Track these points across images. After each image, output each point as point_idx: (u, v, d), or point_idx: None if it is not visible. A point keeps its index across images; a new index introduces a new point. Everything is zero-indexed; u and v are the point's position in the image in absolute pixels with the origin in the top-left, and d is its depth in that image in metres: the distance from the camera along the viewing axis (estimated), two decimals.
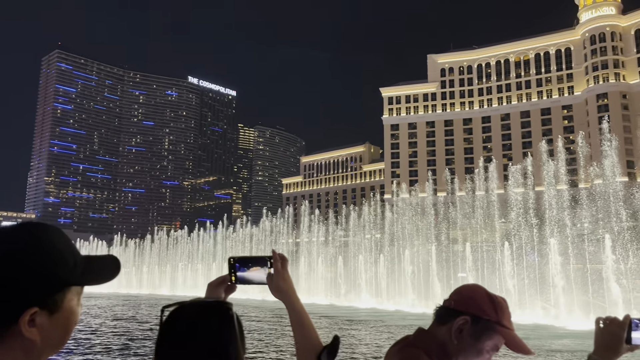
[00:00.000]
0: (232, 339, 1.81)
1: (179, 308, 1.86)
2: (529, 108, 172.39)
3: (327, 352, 2.21)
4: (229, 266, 2.41)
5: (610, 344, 2.50)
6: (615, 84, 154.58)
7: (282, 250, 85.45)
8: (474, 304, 2.29)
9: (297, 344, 2.30)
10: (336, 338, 2.25)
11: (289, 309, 2.35)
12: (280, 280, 2.35)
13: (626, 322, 2.49)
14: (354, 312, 51.99)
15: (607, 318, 2.59)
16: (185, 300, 1.90)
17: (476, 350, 2.26)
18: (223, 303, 1.90)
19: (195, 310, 1.85)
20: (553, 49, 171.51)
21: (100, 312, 51.14)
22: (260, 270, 2.39)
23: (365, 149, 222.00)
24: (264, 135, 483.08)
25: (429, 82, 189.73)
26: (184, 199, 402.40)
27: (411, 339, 2.36)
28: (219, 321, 1.82)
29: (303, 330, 2.30)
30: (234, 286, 2.41)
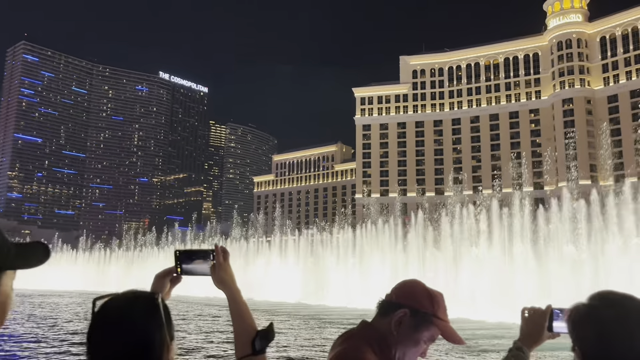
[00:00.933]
0: (158, 327, 1.91)
1: (110, 300, 1.97)
2: (498, 111, 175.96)
3: (259, 337, 2.34)
4: (174, 258, 2.55)
5: (533, 332, 2.79)
6: (580, 90, 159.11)
7: (253, 249, 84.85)
8: (413, 298, 2.45)
9: (236, 332, 2.43)
10: (271, 324, 2.40)
11: (230, 299, 2.48)
12: (222, 272, 2.50)
13: (548, 311, 2.78)
14: (324, 311, 52.26)
15: (531, 308, 2.85)
16: (116, 292, 2.00)
17: (414, 340, 2.42)
18: (150, 293, 2.02)
19: (124, 300, 1.96)
20: (522, 54, 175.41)
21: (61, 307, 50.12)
22: (204, 262, 2.54)
23: (337, 149, 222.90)
24: (236, 132, 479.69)
25: (401, 83, 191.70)
26: (153, 196, 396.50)
27: (355, 331, 2.50)
28: (146, 310, 1.93)
29: (241, 319, 2.42)
30: (180, 277, 2.56)
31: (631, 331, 2.06)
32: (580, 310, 2.23)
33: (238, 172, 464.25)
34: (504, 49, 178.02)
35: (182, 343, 26.63)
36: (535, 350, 2.85)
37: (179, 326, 35.32)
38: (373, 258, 70.28)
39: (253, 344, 2.35)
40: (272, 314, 47.05)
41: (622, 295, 2.19)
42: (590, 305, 2.21)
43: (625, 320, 2.08)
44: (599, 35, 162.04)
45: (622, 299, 2.17)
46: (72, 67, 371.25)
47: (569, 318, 2.30)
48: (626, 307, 2.12)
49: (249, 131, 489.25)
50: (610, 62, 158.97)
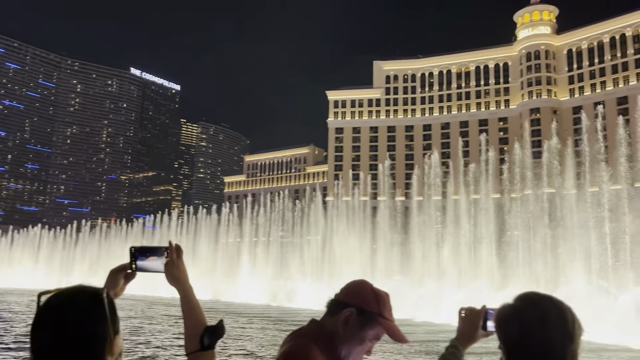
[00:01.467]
0: (101, 321, 1.94)
1: (54, 294, 1.99)
2: (468, 118, 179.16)
3: (208, 333, 2.40)
4: (130, 255, 2.60)
5: (468, 331, 2.98)
6: (547, 100, 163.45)
7: (222, 250, 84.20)
8: (359, 298, 2.56)
9: (186, 328, 2.49)
10: (221, 321, 2.47)
11: (182, 296, 2.55)
12: (175, 269, 2.58)
13: (482, 311, 2.96)
14: (291, 313, 52.28)
15: (468, 308, 3.04)
16: (62, 288, 2.03)
17: (359, 339, 2.52)
18: (95, 288, 2.04)
19: (68, 295, 1.98)
20: (492, 63, 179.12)
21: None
22: (158, 259, 2.61)
23: (309, 151, 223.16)
24: (208, 132, 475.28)
25: (374, 87, 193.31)
26: (120, 194, 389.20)
27: (304, 329, 2.59)
28: (89, 305, 1.95)
29: (192, 316, 2.48)
30: (134, 273, 2.62)
31: (551, 331, 2.23)
32: (506, 310, 2.40)
33: (209, 172, 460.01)
34: (476, 57, 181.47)
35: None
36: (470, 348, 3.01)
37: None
38: (342, 260, 70.76)
39: (202, 339, 2.39)
40: (240, 316, 46.92)
41: (543, 297, 2.36)
42: (514, 306, 2.38)
43: (546, 320, 2.25)
44: (566, 47, 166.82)
45: (543, 300, 2.34)
46: (39, 59, 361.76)
47: (495, 318, 2.48)
48: (546, 308, 2.29)
49: (221, 131, 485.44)
50: (576, 74, 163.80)
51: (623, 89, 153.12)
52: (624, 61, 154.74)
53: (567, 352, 2.25)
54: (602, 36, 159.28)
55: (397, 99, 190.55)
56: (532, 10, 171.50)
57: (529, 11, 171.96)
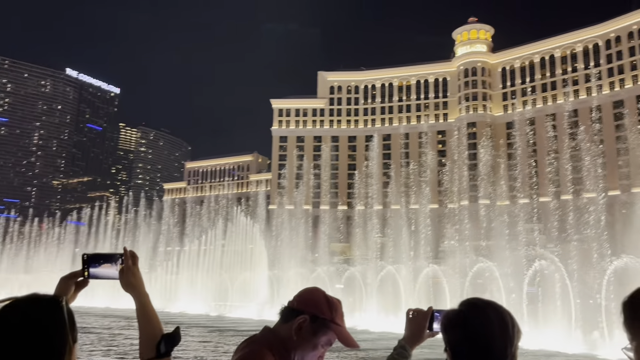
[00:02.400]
0: (61, 330, 1.93)
1: (10, 303, 1.98)
2: (409, 130, 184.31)
3: (164, 340, 2.42)
4: (82, 262, 2.59)
5: (416, 331, 3.14)
6: (482, 115, 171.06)
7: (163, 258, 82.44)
8: (312, 305, 2.65)
9: (141, 335, 2.48)
10: (177, 328, 2.50)
11: (137, 303, 2.54)
12: (131, 276, 2.58)
13: (429, 313, 3.15)
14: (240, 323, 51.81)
15: (415, 310, 3.23)
16: (19, 296, 2.02)
17: (312, 344, 2.62)
18: (53, 296, 2.04)
19: (25, 303, 1.97)
20: (432, 78, 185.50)
21: None
22: (112, 266, 2.60)
23: (252, 159, 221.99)
24: (147, 137, 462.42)
25: (318, 97, 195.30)
26: (52, 200, 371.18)
27: (257, 336, 2.67)
28: (48, 313, 1.94)
29: (148, 323, 2.48)
30: (87, 281, 2.61)
31: (492, 335, 2.44)
32: (451, 315, 2.59)
33: (148, 178, 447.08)
34: (417, 71, 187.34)
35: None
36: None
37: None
38: (285, 269, 70.94)
39: (158, 347, 2.40)
40: (185, 326, 46.12)
41: (487, 303, 2.56)
42: (459, 311, 2.57)
43: (489, 325, 2.45)
44: (500, 65, 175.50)
45: (487, 306, 2.54)
46: None
47: (441, 322, 2.64)
48: (488, 313, 2.50)
49: (162, 136, 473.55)
50: (509, 91, 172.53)
51: (551, 106, 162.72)
52: (552, 80, 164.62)
53: (508, 353, 2.43)
54: (533, 56, 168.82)
55: (340, 109, 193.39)
56: (469, 29, 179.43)
57: (466, 29, 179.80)
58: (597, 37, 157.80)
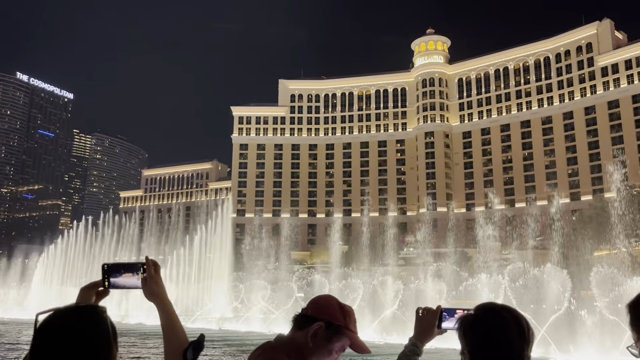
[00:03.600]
0: (104, 339, 1.96)
1: (53, 314, 2.00)
2: (368, 139, 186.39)
3: (192, 348, 2.48)
4: (102, 272, 2.62)
5: (426, 329, 3.27)
6: (440, 125, 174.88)
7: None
8: (327, 312, 2.74)
9: (166, 343, 2.54)
10: (202, 336, 2.56)
11: (161, 311, 2.60)
12: (154, 284, 2.64)
13: (438, 311, 3.29)
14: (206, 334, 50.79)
15: (424, 308, 3.36)
16: (60, 307, 2.03)
17: (327, 350, 2.70)
18: (96, 307, 2.08)
19: (70, 313, 2.00)
20: (391, 88, 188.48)
21: None
22: (133, 276, 2.64)
23: (212, 166, 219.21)
24: (103, 143, 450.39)
25: (279, 105, 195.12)
26: (0, 209, 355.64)
27: (272, 343, 2.72)
28: (93, 322, 1.97)
29: (173, 331, 2.55)
30: (107, 291, 2.64)
31: (511, 338, 2.52)
32: (469, 319, 2.67)
33: (103, 186, 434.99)
34: (376, 81, 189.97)
35: None
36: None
37: None
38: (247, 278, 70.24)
39: (185, 354, 2.45)
40: (143, 338, 44.98)
41: (502, 307, 2.67)
42: (476, 315, 2.66)
43: (507, 328, 2.54)
44: (457, 76, 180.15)
45: (503, 309, 2.64)
46: None
47: (459, 327, 2.71)
48: (506, 317, 2.58)
49: (118, 143, 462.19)
50: (466, 102, 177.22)
51: (505, 117, 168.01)
52: (506, 92, 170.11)
53: (525, 355, 2.53)
54: (489, 68, 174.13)
55: (301, 117, 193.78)
56: (427, 40, 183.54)
57: (424, 40, 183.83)
58: (548, 50, 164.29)
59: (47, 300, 70.81)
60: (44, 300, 71.42)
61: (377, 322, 47.40)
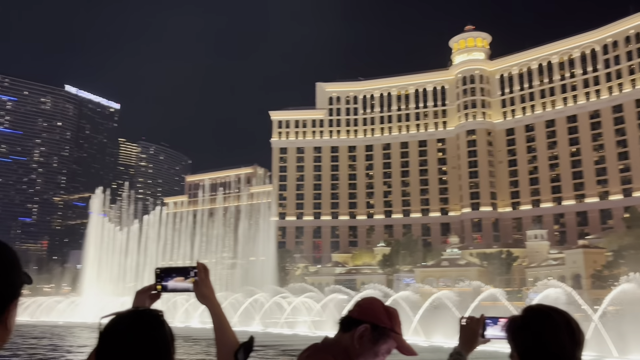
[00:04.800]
0: (165, 342, 2.07)
1: (115, 318, 2.10)
2: (408, 139, 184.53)
3: (243, 349, 2.57)
4: (155, 276, 2.73)
5: (470, 338, 3.28)
6: (482, 122, 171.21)
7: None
8: (372, 314, 2.75)
9: (218, 345, 2.63)
10: (251, 337, 2.62)
11: (212, 313, 2.70)
12: (205, 287, 2.72)
13: (482, 320, 3.28)
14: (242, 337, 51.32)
15: (468, 317, 3.35)
16: (121, 310, 2.15)
17: (373, 352, 2.71)
18: (154, 310, 2.17)
19: (131, 318, 2.10)
20: (430, 86, 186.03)
21: None
22: (184, 279, 2.73)
23: (253, 171, 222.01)
24: (148, 151, 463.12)
25: (317, 108, 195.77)
26: (53, 216, 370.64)
27: (319, 345, 2.75)
28: (153, 325, 2.08)
29: (224, 333, 2.63)
30: (159, 294, 2.75)
31: (562, 340, 2.50)
32: (518, 321, 2.65)
33: (149, 193, 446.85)
34: (415, 80, 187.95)
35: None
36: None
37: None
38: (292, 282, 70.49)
39: (236, 356, 2.54)
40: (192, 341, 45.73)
41: (552, 308, 2.63)
42: (526, 317, 2.64)
43: (557, 330, 2.51)
44: (498, 73, 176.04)
45: (552, 311, 2.60)
46: None
47: (507, 329, 2.69)
48: (556, 319, 2.55)
49: (162, 150, 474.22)
50: (508, 98, 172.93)
51: (551, 112, 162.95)
52: (550, 86, 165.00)
53: (575, 357, 2.49)
54: (531, 63, 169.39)
55: (339, 119, 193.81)
56: (466, 37, 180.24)
57: (464, 37, 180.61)
58: (594, 42, 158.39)
59: (100, 304, 73.05)
60: (97, 304, 73.80)
61: (419, 323, 46.66)
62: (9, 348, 41.64)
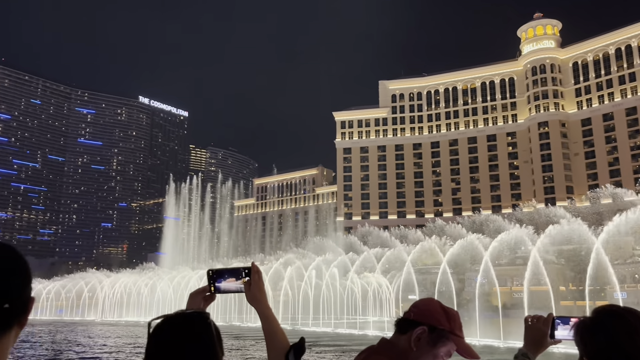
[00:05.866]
0: (212, 343, 2.11)
1: (164, 320, 2.16)
2: (476, 134, 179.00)
3: (293, 351, 2.54)
4: (208, 278, 2.74)
5: (537, 339, 3.02)
6: (555, 113, 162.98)
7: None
8: (430, 316, 2.64)
9: (269, 347, 2.62)
10: (302, 339, 2.59)
11: (262, 315, 2.68)
12: (257, 290, 2.72)
13: (550, 319, 3.01)
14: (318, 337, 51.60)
15: (534, 316, 3.10)
16: (169, 313, 2.20)
17: (432, 355, 2.61)
18: (202, 313, 2.20)
19: (178, 321, 2.14)
20: (498, 79, 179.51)
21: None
22: (236, 281, 2.74)
23: (318, 172, 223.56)
24: (216, 156, 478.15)
25: (380, 107, 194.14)
26: (132, 221, 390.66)
27: (376, 347, 2.68)
28: (200, 329, 2.11)
29: (274, 335, 2.62)
30: (213, 296, 2.76)
31: (636, 342, 2.28)
32: (588, 323, 2.43)
33: (219, 196, 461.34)
34: (481, 73, 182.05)
35: None
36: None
37: None
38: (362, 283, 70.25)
39: (287, 357, 2.53)
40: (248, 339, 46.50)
41: (625, 309, 2.41)
42: (597, 318, 2.42)
43: (631, 332, 2.30)
44: (571, 60, 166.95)
45: (626, 312, 2.38)
46: (50, 91, 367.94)
47: (576, 330, 2.49)
48: (630, 321, 2.34)
49: (230, 155, 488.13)
50: (583, 87, 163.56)
51: (631, 99, 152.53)
52: (630, 72, 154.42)
53: None
54: (608, 48, 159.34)
55: (403, 117, 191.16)
56: (535, 25, 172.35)
57: (532, 26, 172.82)
58: None
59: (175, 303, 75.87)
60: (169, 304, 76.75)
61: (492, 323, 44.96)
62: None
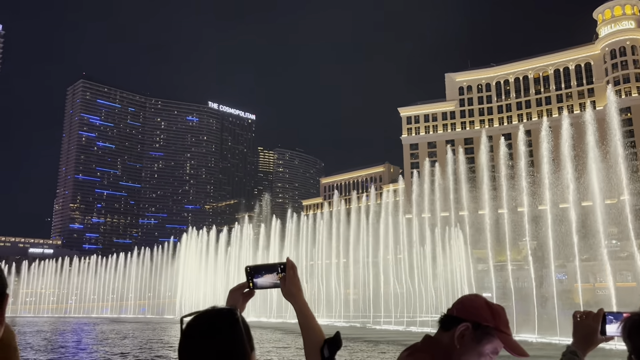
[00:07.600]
0: (240, 339, 2.15)
1: (195, 317, 2.23)
2: (551, 124, 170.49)
3: (327, 345, 2.55)
4: (246, 274, 2.78)
5: (587, 336, 2.86)
6: (638, 98, 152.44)
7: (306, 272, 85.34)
8: (474, 312, 2.57)
9: (305, 341, 2.65)
10: (337, 333, 2.61)
11: (298, 310, 2.71)
12: (292, 285, 2.75)
13: (600, 315, 2.84)
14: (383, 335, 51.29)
15: (583, 312, 2.94)
16: (200, 310, 2.27)
17: (477, 353, 2.54)
18: (230, 309, 2.24)
19: (209, 316, 2.21)
20: (572, 65, 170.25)
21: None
22: (273, 276, 2.77)
23: (384, 169, 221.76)
24: (284, 157, 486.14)
25: (447, 100, 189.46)
26: (205, 223, 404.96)
27: (419, 345, 2.65)
28: (228, 324, 2.16)
29: (310, 329, 2.65)
30: (252, 291, 2.80)
31: None
32: (636, 319, 2.35)
33: (287, 196, 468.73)
34: (554, 60, 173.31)
35: None
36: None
37: None
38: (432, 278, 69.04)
39: (322, 352, 2.54)
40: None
41: None
42: None
43: None
44: None
45: None
46: (127, 101, 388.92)
47: (624, 327, 2.40)
48: None
49: (296, 155, 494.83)
50: None
51: None
52: None
53: None
54: None
55: (472, 110, 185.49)
56: (613, 6, 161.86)
57: (609, 7, 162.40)
58: None
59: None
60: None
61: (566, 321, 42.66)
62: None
